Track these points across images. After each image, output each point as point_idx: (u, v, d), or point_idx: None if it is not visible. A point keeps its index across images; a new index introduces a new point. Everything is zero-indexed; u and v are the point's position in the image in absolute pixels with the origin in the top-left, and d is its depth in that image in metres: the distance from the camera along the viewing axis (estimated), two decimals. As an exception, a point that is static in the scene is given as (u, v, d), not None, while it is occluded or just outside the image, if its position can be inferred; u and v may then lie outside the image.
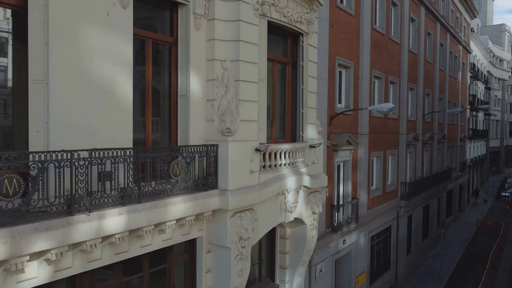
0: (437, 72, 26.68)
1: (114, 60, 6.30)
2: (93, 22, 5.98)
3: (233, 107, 8.07)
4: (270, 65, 9.33)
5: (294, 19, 9.39)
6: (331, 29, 12.94)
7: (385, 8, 17.70)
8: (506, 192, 46.01)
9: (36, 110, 5.48)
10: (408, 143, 20.98)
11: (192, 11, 7.69)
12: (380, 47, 17.08)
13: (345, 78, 14.70)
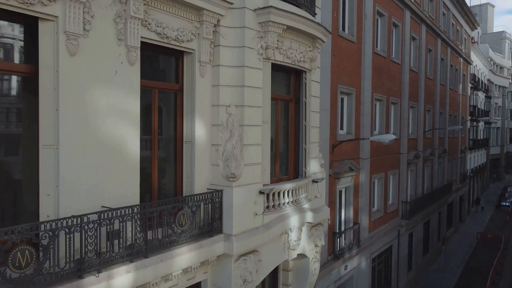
0: (438, 87, 26.82)
1: (122, 117, 6.41)
2: (101, 83, 6.10)
3: (238, 152, 8.18)
4: (273, 103, 9.44)
5: (297, 59, 9.51)
6: (333, 58, 13.07)
7: (386, 31, 17.84)
8: (506, 201, 46.01)
9: (46, 174, 5.60)
10: (409, 162, 21.10)
11: (197, 59, 7.82)
12: (381, 70, 17.22)
13: (347, 104, 14.83)
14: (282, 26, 8.65)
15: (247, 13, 8.17)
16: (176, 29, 7.27)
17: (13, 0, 5.06)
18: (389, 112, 18.71)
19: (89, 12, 5.85)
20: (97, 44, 6.00)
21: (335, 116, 13.61)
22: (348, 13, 14.67)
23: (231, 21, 8.13)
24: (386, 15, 17.69)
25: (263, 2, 8.46)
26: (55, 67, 5.58)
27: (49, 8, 5.40)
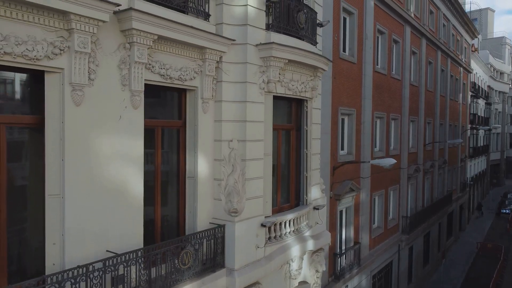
0: (438, 99, 26.90)
1: (126, 161, 6.50)
2: (106, 129, 6.18)
3: (240, 186, 8.27)
4: (275, 133, 9.52)
5: (298, 90, 9.60)
6: (334, 81, 13.16)
7: (386, 48, 17.93)
8: (506, 209, 46.02)
9: (52, 223, 5.68)
10: (409, 176, 21.18)
11: (200, 96, 7.90)
12: (381, 88, 17.31)
13: (348, 125, 14.92)
14: (284, 60, 8.74)
15: (249, 49, 8.26)
16: (179, 69, 7.36)
17: (20, 58, 5.14)
18: (389, 128, 18.79)
19: (94, 62, 5.94)
20: (101, 91, 6.09)
21: (336, 138, 13.69)
22: (349, 34, 14.76)
23: (233, 57, 8.22)
24: (387, 32, 17.79)
25: (265, 37, 8.55)
26: (60, 118, 5.66)
27: (55, 62, 5.49)
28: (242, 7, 8.20)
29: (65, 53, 5.58)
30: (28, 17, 5.14)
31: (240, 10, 8.21)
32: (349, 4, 14.17)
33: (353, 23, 14.76)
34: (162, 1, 6.94)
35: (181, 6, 7.31)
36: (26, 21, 5.15)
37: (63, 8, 5.28)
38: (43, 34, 5.34)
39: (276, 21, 8.78)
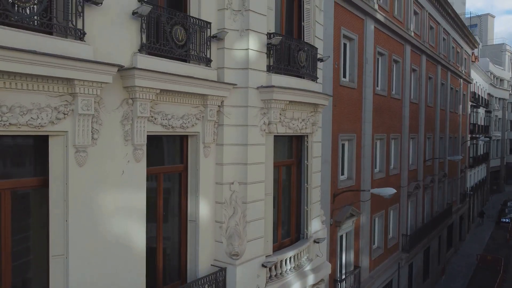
0: (438, 113, 26.97)
1: (128, 213, 6.56)
2: (109, 185, 6.25)
3: (241, 228, 8.34)
4: (275, 170, 9.57)
5: (299, 128, 9.67)
6: (334, 109, 13.23)
7: (387, 69, 17.99)
8: (506, 218, 46.00)
9: (56, 284, 5.74)
10: (409, 194, 21.23)
11: (201, 141, 7.97)
12: (382, 109, 17.38)
13: (348, 150, 14.98)
14: (285, 101, 8.81)
15: (250, 92, 8.33)
16: (181, 117, 7.43)
17: (25, 126, 5.21)
18: (389, 148, 18.86)
19: (97, 121, 6.01)
20: (104, 149, 6.16)
21: (336, 165, 13.75)
22: (349, 59, 14.83)
23: (234, 100, 8.29)
24: (387, 53, 17.86)
25: (266, 79, 8.63)
26: (64, 179, 5.73)
27: (59, 126, 5.56)
28: (244, 51, 8.28)
29: (69, 116, 5.64)
30: (33, 86, 5.22)
31: (241, 54, 8.28)
32: (350, 30, 14.25)
33: (353, 48, 14.84)
34: (164, 53, 7.01)
35: (183, 56, 7.38)
36: (31, 90, 5.21)
37: (68, 76, 5.35)
38: (47, 100, 5.41)
39: (277, 63, 8.86)
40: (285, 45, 9.04)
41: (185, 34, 7.37)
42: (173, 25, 7.14)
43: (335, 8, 13.03)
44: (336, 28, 13.28)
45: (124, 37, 6.40)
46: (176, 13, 7.23)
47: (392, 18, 18.19)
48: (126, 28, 6.44)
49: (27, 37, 5.05)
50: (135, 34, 6.59)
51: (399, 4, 19.28)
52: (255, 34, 8.36)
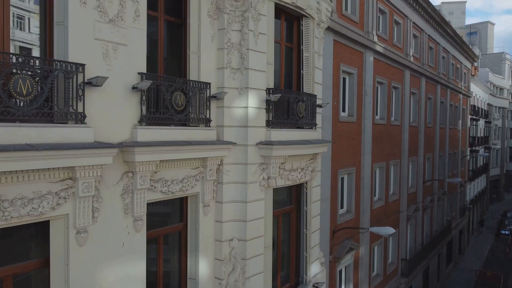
0: (437, 132, 27.02)
1: (129, 282, 6.61)
2: (109, 260, 6.30)
3: (240, 285, 8.38)
4: (275, 218, 9.62)
5: (298, 178, 9.73)
6: (333, 146, 13.29)
7: (386, 97, 18.06)
8: (506, 229, 45.95)
9: None
10: (409, 217, 21.28)
11: (201, 200, 8.02)
12: (381, 138, 17.43)
13: (347, 183, 15.04)
14: (284, 156, 8.87)
15: (250, 150, 8.39)
16: (180, 180, 7.49)
17: (26, 217, 5.26)
18: (389, 175, 18.90)
19: (97, 200, 6.06)
20: (105, 225, 6.21)
21: (335, 201, 13.80)
22: (348, 94, 14.89)
23: (233, 158, 8.35)
24: (386, 82, 17.93)
25: (265, 135, 8.68)
26: (65, 260, 5.78)
27: (59, 210, 5.61)
28: (243, 108, 8.35)
29: (69, 199, 5.70)
30: (34, 177, 5.27)
31: (240, 112, 8.35)
32: (349, 66, 14.32)
33: (352, 82, 14.90)
34: (164, 121, 7.07)
35: (182, 120, 7.45)
36: (32, 180, 5.27)
37: (69, 165, 5.41)
38: (48, 187, 5.46)
39: (276, 118, 8.91)
40: (284, 99, 9.10)
41: (184, 99, 7.44)
42: (172, 92, 7.20)
43: (335, 46, 13.10)
44: (336, 66, 13.34)
45: (124, 111, 6.46)
46: (175, 80, 7.29)
47: (392, 45, 18.27)
48: (126, 101, 6.50)
49: (28, 131, 5.10)
50: (135, 106, 6.65)
51: (399, 31, 19.35)
52: (254, 92, 8.43)
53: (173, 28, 7.88)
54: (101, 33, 6.09)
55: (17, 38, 5.60)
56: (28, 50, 5.79)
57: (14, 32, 5.54)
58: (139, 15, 6.65)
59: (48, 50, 5.79)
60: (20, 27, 5.67)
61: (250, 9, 8.23)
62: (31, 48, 5.77)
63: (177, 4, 7.92)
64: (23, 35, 5.71)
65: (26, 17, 5.72)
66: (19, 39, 5.65)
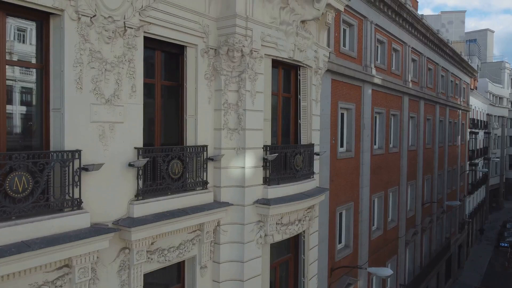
0: (436, 152, 27.04)
1: None
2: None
3: None
4: (272, 271, 9.63)
5: (296, 230, 9.74)
6: (331, 184, 13.31)
7: (384, 125, 18.08)
8: (505, 242, 45.87)
9: None
10: (407, 242, 21.29)
11: (198, 263, 8.04)
12: (380, 168, 17.45)
13: (345, 218, 15.05)
14: (282, 214, 8.89)
15: (247, 210, 8.41)
16: (177, 247, 7.52)
17: (22, 311, 5.27)
18: (387, 203, 18.92)
19: (94, 282, 6.08)
20: (101, 304, 6.22)
21: (333, 238, 13.81)
22: (346, 129, 14.91)
23: (230, 218, 8.36)
24: (384, 111, 17.96)
25: (262, 192, 8.70)
26: None
27: (58, 298, 5.61)
28: (240, 169, 8.37)
29: (65, 286, 5.71)
30: (31, 271, 5.27)
31: (237, 172, 8.37)
32: (347, 102, 14.35)
33: (350, 116, 14.92)
34: (161, 192, 7.09)
35: (179, 187, 7.46)
36: (28, 274, 5.28)
37: (65, 257, 5.43)
38: (45, 277, 5.49)
39: (273, 174, 8.93)
40: (281, 154, 9.13)
41: (181, 165, 7.46)
42: (169, 161, 7.23)
43: (332, 85, 13.14)
44: (333, 104, 13.38)
45: (120, 187, 6.48)
46: (172, 149, 7.32)
47: (390, 74, 18.30)
48: (122, 178, 6.51)
49: (24, 228, 5.12)
50: (131, 181, 6.66)
51: (397, 58, 19.39)
52: (251, 151, 8.45)
53: (169, 92, 7.90)
54: (97, 115, 6.11)
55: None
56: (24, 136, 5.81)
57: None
58: (135, 90, 6.68)
59: (45, 137, 5.81)
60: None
61: (247, 70, 8.26)
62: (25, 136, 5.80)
63: (174, 68, 7.95)
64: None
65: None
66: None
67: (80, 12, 5.76)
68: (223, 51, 8.09)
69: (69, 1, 5.66)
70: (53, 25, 5.77)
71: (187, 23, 7.54)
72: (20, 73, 5.76)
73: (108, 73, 6.22)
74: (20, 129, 5.78)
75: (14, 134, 5.68)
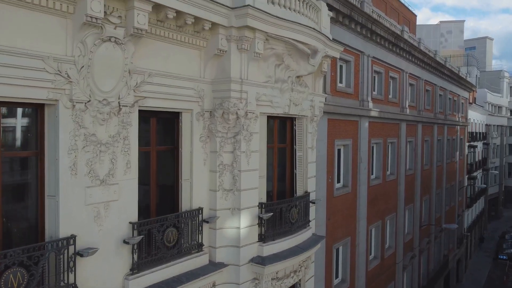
0: (435, 172, 27.06)
1: None
2: None
3: None
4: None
5: (292, 282, 9.79)
6: (328, 222, 13.36)
7: (382, 154, 18.12)
8: (504, 254, 45.81)
9: None
10: (405, 266, 21.32)
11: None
12: (377, 198, 17.49)
13: (342, 253, 15.09)
14: (276, 271, 8.94)
15: (242, 269, 8.46)
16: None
17: None
18: (385, 231, 18.94)
19: None
20: None
21: (330, 275, 13.85)
22: (343, 165, 14.95)
23: (226, 278, 8.43)
24: (382, 140, 18.01)
25: (257, 251, 8.77)
26: None
27: None
28: (235, 229, 8.43)
29: None
30: None
31: (232, 232, 8.43)
32: (343, 138, 14.42)
33: (347, 152, 14.97)
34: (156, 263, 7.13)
35: (174, 254, 7.51)
36: None
37: None
38: None
39: (268, 231, 8.98)
40: (277, 210, 9.18)
41: (176, 233, 7.53)
42: (164, 230, 7.29)
43: (329, 125, 13.19)
44: (330, 143, 13.43)
45: (115, 263, 6.53)
46: (167, 218, 7.37)
47: (387, 103, 18.36)
48: (117, 254, 6.56)
49: (18, 324, 5.17)
50: (126, 256, 6.72)
51: (394, 86, 19.45)
52: (246, 210, 8.51)
53: (165, 156, 7.95)
54: (92, 197, 6.16)
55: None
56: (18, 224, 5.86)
57: (6, 214, 5.60)
58: (130, 166, 6.73)
59: (40, 224, 5.87)
60: (12, 205, 5.73)
61: (242, 132, 8.32)
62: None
63: (169, 132, 8.00)
64: (14, 212, 5.77)
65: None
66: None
67: (75, 100, 5.82)
68: (218, 114, 8.16)
69: (63, 90, 5.72)
70: (48, 113, 5.83)
71: (182, 91, 7.62)
72: (15, 162, 5.81)
73: (103, 153, 6.27)
74: (15, 217, 5.82)
75: (8, 223, 5.71)
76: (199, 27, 7.51)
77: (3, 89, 5.13)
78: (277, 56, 8.96)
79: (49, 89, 5.57)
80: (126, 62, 6.42)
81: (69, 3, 5.63)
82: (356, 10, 13.46)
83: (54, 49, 5.62)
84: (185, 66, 7.71)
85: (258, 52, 8.23)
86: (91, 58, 5.92)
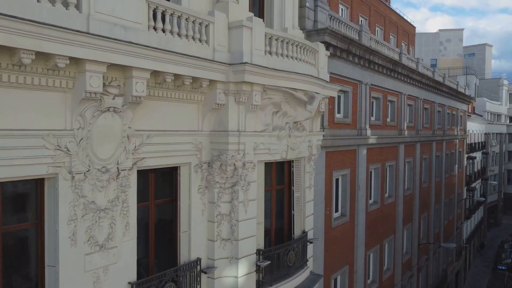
0: (433, 188, 27.12)
1: None
2: None
3: None
4: None
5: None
6: (326, 253, 13.42)
7: (380, 178, 18.19)
8: (503, 264, 45.84)
9: None
10: (403, 286, 21.36)
11: None
12: (375, 223, 17.55)
13: (340, 282, 15.14)
14: (274, 317, 9.01)
15: (240, 318, 8.53)
16: None
17: None
18: (383, 254, 19.01)
19: None
20: None
21: (328, 306, 13.93)
22: (341, 193, 15.02)
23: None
24: (380, 165, 18.08)
25: (256, 300, 8.83)
26: None
27: None
28: (233, 278, 8.50)
29: None
30: None
31: (230, 281, 8.53)
32: (341, 169, 14.50)
33: (345, 181, 15.04)
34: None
35: (173, 308, 7.58)
36: None
37: None
38: None
39: (266, 277, 9.05)
40: (274, 256, 9.26)
41: (175, 287, 7.59)
42: (163, 287, 7.35)
43: (327, 158, 13.28)
44: (328, 174, 13.51)
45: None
46: (166, 274, 7.45)
47: (385, 127, 18.44)
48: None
49: None
50: (124, 316, 6.78)
51: (393, 109, 19.53)
52: (244, 259, 8.58)
53: (163, 209, 8.03)
54: (91, 263, 6.24)
55: None
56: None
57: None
58: (129, 228, 6.81)
59: (40, 294, 5.94)
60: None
61: (240, 182, 8.40)
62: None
63: (167, 184, 8.08)
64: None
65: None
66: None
67: (74, 172, 5.90)
68: (216, 165, 8.25)
69: (63, 163, 5.80)
70: (48, 185, 5.91)
71: (181, 146, 7.71)
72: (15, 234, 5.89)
73: (102, 219, 6.35)
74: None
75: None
76: (197, 84, 7.60)
77: (3, 171, 5.21)
78: (275, 104, 9.05)
79: (49, 164, 5.64)
80: (125, 128, 6.51)
81: (69, 79, 5.72)
82: (354, 43, 13.55)
83: (53, 123, 5.70)
84: (183, 121, 7.79)
85: (255, 104, 8.32)
86: (90, 130, 6.01)
